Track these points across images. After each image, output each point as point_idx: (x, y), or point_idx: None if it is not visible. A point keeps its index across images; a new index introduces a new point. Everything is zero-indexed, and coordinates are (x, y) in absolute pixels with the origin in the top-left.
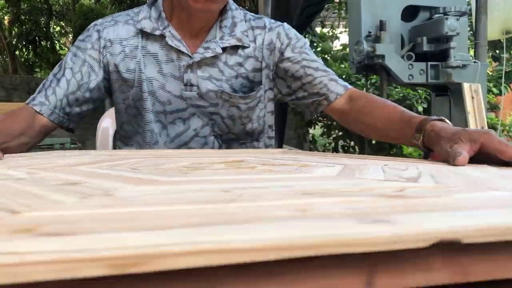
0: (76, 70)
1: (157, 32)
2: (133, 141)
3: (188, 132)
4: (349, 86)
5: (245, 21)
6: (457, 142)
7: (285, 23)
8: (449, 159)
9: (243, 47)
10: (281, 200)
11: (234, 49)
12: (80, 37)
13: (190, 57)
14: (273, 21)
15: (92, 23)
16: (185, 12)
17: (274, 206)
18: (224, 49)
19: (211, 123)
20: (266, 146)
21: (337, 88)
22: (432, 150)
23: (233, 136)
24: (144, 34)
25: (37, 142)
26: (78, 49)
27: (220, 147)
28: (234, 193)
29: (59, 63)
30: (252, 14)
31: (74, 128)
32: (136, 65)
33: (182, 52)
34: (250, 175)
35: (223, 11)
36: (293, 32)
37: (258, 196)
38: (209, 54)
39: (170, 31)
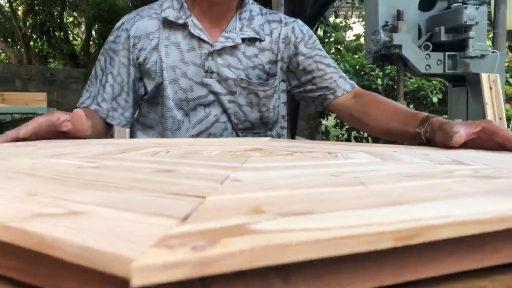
0: (116, 74)
1: (180, 21)
2: (155, 131)
3: (209, 118)
4: (356, 86)
5: (262, 15)
6: (458, 125)
7: (299, 20)
8: (448, 140)
9: (260, 40)
10: (400, 182)
11: (252, 41)
12: (111, 38)
13: (211, 45)
14: (287, 16)
15: (119, 22)
16: (206, 1)
17: (413, 186)
18: (243, 40)
19: (228, 112)
20: (279, 136)
21: (345, 85)
22: (430, 143)
23: (249, 124)
24: (167, 24)
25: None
26: (113, 52)
27: (237, 136)
28: (346, 177)
29: (98, 67)
30: (267, 9)
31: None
32: (157, 55)
33: (204, 41)
34: (313, 161)
35: (241, 4)
36: (306, 28)
37: (375, 179)
38: (229, 43)
39: (192, 20)
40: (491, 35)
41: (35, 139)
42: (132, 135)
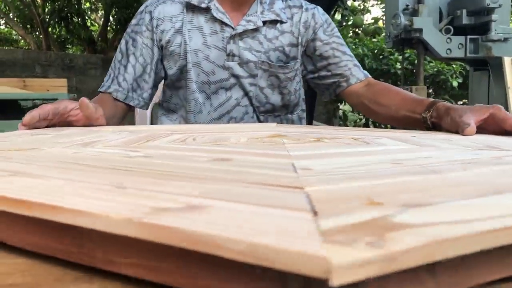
0: (138, 55)
1: (203, 5)
2: (177, 114)
3: (230, 101)
4: (369, 76)
5: (282, 1)
6: (467, 112)
7: (319, 7)
8: (458, 129)
9: (281, 22)
10: (469, 169)
11: (273, 23)
12: (134, 21)
13: (233, 28)
14: (308, 2)
15: (143, 6)
16: None
17: (487, 173)
18: (264, 23)
19: (249, 95)
20: (300, 119)
21: (359, 74)
22: (436, 128)
23: (270, 107)
24: (190, 8)
25: (118, 124)
26: (135, 34)
27: (258, 119)
28: (409, 164)
29: (119, 49)
30: None
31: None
32: (182, 39)
33: (226, 24)
34: (356, 148)
35: None
36: (326, 16)
37: (439, 166)
38: (251, 26)
39: (214, 4)
40: None
41: (45, 126)
42: (155, 120)
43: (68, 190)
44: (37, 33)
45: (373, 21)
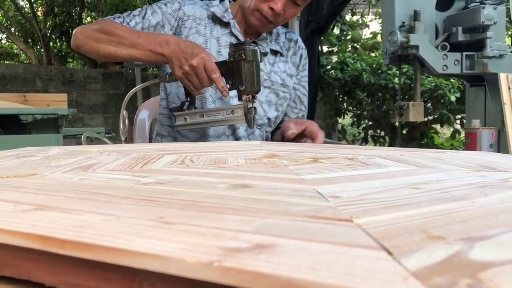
0: (148, 16)
1: (225, 19)
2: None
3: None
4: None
5: (284, 34)
6: (290, 122)
7: (305, 48)
8: (284, 133)
9: (281, 54)
10: (488, 196)
11: (275, 53)
12: (163, 1)
13: None
14: (300, 39)
15: None
16: (245, 18)
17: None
18: (270, 50)
19: None
20: (272, 135)
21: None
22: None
23: (266, 121)
24: (213, 19)
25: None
26: (158, 8)
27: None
28: (425, 188)
29: (137, 12)
30: (284, 27)
31: None
32: (204, 43)
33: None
34: (361, 171)
35: None
36: (306, 59)
37: (458, 191)
38: (260, 49)
39: (234, 23)
40: (510, 32)
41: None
42: (153, 137)
43: (116, 228)
44: (38, 47)
45: (371, 35)
